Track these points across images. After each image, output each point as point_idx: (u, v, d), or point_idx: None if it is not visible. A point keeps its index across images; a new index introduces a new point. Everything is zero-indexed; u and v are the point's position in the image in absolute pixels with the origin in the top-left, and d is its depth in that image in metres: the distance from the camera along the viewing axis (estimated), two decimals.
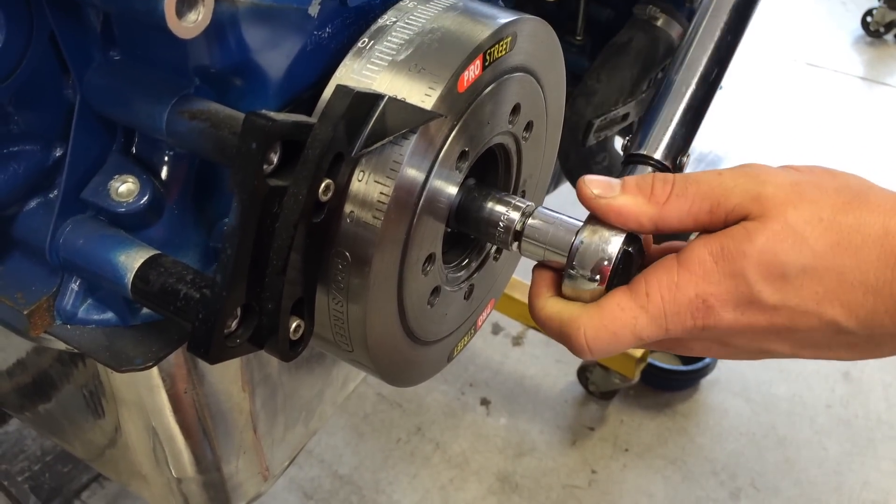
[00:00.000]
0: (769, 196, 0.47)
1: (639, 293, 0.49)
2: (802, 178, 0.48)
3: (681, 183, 0.49)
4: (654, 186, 0.50)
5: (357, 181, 0.48)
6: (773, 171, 0.49)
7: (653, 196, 0.49)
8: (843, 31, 3.67)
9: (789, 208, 0.46)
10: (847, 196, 0.47)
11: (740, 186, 0.48)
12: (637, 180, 0.51)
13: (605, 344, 0.49)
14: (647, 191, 0.50)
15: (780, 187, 0.47)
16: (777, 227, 0.46)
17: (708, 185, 0.49)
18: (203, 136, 0.46)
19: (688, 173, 0.51)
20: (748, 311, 0.47)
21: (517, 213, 0.56)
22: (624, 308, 0.49)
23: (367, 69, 0.50)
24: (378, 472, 1.69)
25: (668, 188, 0.49)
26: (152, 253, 0.49)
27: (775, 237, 0.46)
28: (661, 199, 0.49)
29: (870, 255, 0.45)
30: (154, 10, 0.39)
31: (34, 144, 0.51)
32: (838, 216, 0.46)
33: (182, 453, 0.67)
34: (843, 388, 1.92)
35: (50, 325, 0.53)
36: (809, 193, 0.47)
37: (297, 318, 0.46)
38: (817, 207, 0.46)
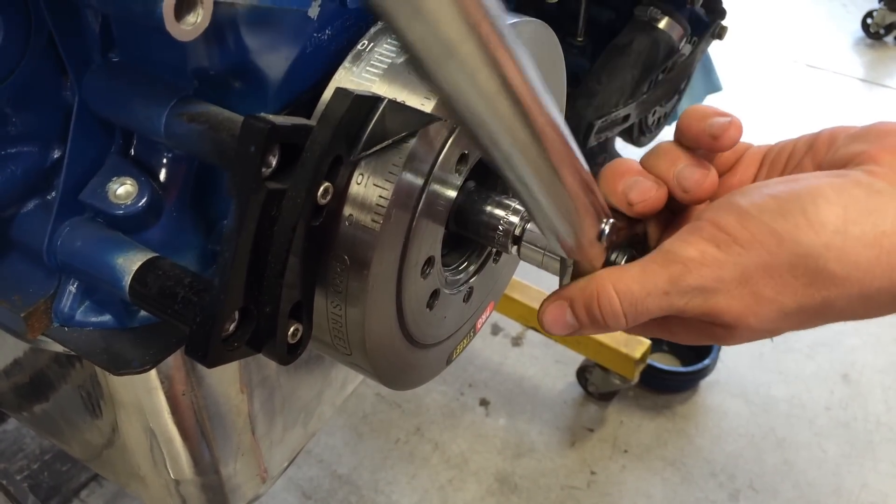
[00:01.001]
0: (723, 309, 0.44)
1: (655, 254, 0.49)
2: (748, 267, 0.43)
3: (631, 312, 0.46)
4: (608, 323, 0.48)
5: (356, 184, 0.48)
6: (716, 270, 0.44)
7: (609, 329, 0.48)
8: (844, 33, 3.67)
9: (750, 318, 0.44)
10: (805, 275, 0.43)
11: (691, 305, 0.45)
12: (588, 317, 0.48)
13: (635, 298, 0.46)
14: (603, 325, 0.48)
15: (732, 295, 0.44)
16: (745, 334, 0.46)
17: (658, 307, 0.46)
18: (202, 139, 0.46)
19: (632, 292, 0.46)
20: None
21: (517, 216, 0.56)
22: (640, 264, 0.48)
23: (366, 72, 0.50)
24: (377, 472, 1.69)
25: (622, 320, 0.47)
26: (150, 255, 0.49)
27: (750, 338, 0.46)
28: (620, 327, 0.48)
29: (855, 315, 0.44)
30: (153, 12, 0.39)
31: (32, 146, 0.51)
32: (804, 302, 0.43)
33: (180, 455, 0.67)
34: (843, 391, 1.92)
35: (47, 328, 0.53)
36: (763, 291, 0.43)
37: (296, 321, 0.46)
38: (778, 304, 0.43)
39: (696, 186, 0.50)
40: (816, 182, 0.44)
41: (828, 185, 0.43)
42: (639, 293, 0.46)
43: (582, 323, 0.49)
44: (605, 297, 0.47)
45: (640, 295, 0.46)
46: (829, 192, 0.43)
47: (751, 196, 0.45)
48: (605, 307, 0.47)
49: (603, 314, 0.47)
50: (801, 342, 2.04)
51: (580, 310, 0.49)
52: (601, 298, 0.47)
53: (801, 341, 2.04)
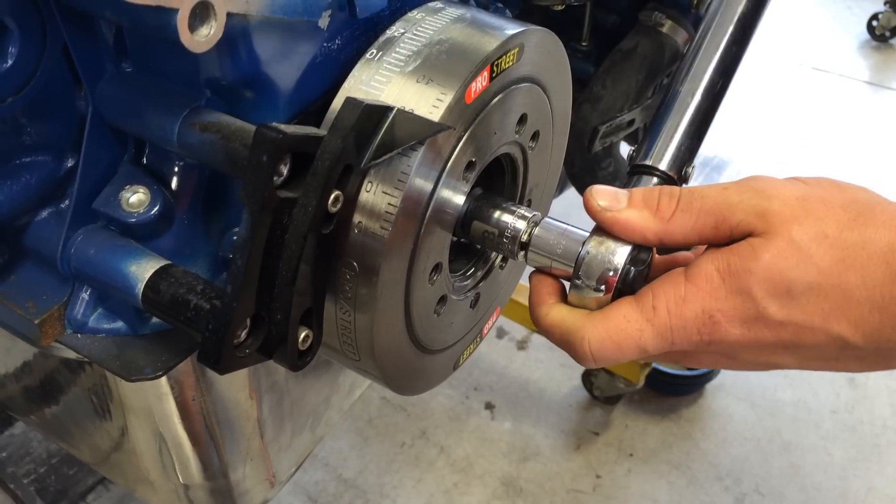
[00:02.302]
0: (774, 212, 0.47)
1: (645, 306, 0.49)
2: (809, 192, 0.48)
3: (686, 198, 0.49)
4: (661, 201, 0.50)
5: (365, 192, 0.48)
6: (780, 184, 0.49)
7: (658, 211, 0.50)
8: (849, 36, 3.67)
9: (794, 225, 0.46)
10: (853, 212, 0.47)
11: (745, 202, 0.48)
12: (643, 194, 0.51)
13: (609, 354, 0.49)
14: (652, 205, 0.50)
15: (786, 203, 0.47)
16: (782, 245, 0.46)
17: (713, 200, 0.49)
18: (214, 148, 0.46)
19: (693, 187, 0.51)
20: (754, 327, 0.47)
21: (523, 222, 0.57)
22: (630, 320, 0.49)
23: (375, 80, 0.50)
24: (382, 475, 1.69)
25: (674, 203, 0.50)
26: (163, 263, 0.49)
27: (780, 254, 0.46)
28: (666, 214, 0.49)
29: (876, 272, 0.45)
30: (167, 24, 0.40)
31: (46, 155, 0.51)
32: (844, 233, 0.46)
33: (189, 460, 0.68)
34: (849, 394, 1.91)
35: (61, 334, 0.53)
36: (815, 209, 0.47)
37: (306, 328, 0.47)
38: (822, 224, 0.46)
39: None
40: None
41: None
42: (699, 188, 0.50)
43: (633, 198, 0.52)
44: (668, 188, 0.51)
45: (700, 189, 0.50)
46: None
47: None
48: (665, 189, 0.51)
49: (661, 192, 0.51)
50: None
51: (639, 190, 0.52)
52: (663, 188, 0.51)
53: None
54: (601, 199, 0.51)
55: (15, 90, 0.47)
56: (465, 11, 0.55)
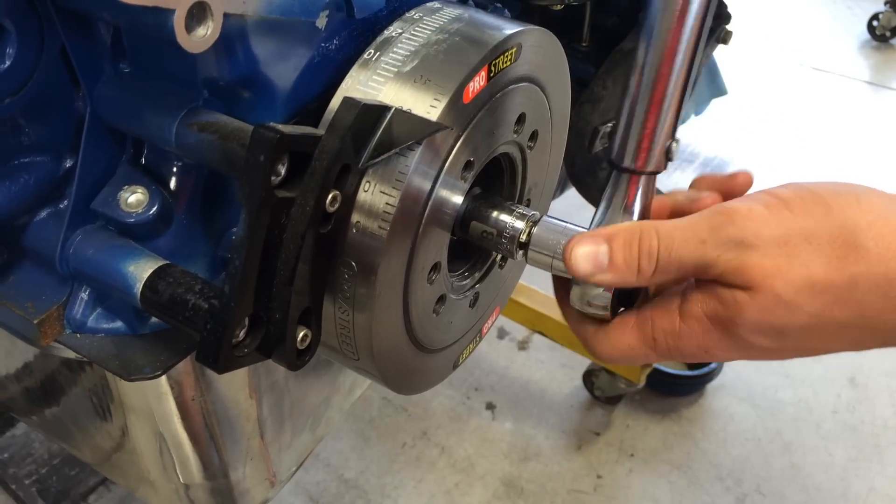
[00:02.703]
0: (754, 267, 0.45)
1: (646, 336, 0.52)
2: (791, 228, 0.45)
3: (664, 258, 0.48)
4: (640, 263, 0.49)
5: (363, 192, 0.48)
6: (758, 224, 0.46)
7: (640, 272, 0.49)
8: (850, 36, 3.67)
9: (777, 279, 0.44)
10: (841, 247, 0.44)
11: (723, 257, 0.46)
12: (623, 254, 0.50)
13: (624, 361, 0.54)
14: (633, 267, 0.49)
15: (766, 253, 0.45)
16: (766, 301, 0.45)
17: (690, 257, 0.47)
18: (212, 148, 0.46)
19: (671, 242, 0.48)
20: (753, 354, 0.49)
21: (522, 222, 0.57)
22: (634, 347, 0.52)
23: (373, 80, 0.50)
24: (383, 476, 1.69)
25: (653, 264, 0.49)
26: (161, 263, 0.49)
27: (765, 310, 0.45)
28: (647, 274, 0.49)
29: (873, 305, 0.44)
30: (164, 24, 0.40)
31: (44, 156, 0.51)
32: (832, 275, 0.44)
33: (190, 460, 0.68)
34: (850, 394, 1.91)
35: (60, 334, 0.53)
36: (799, 253, 0.44)
37: (305, 327, 0.47)
38: (808, 269, 0.44)
39: None
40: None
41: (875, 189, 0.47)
42: (678, 238, 0.48)
43: (614, 262, 0.50)
44: (647, 235, 0.49)
45: (678, 240, 0.48)
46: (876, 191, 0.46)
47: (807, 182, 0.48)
48: (644, 244, 0.49)
49: (640, 251, 0.49)
50: None
51: (618, 244, 0.50)
52: (643, 236, 0.49)
53: None
54: (582, 262, 0.51)
55: (13, 91, 0.47)
56: (462, 11, 0.55)
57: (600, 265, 0.50)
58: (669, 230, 0.48)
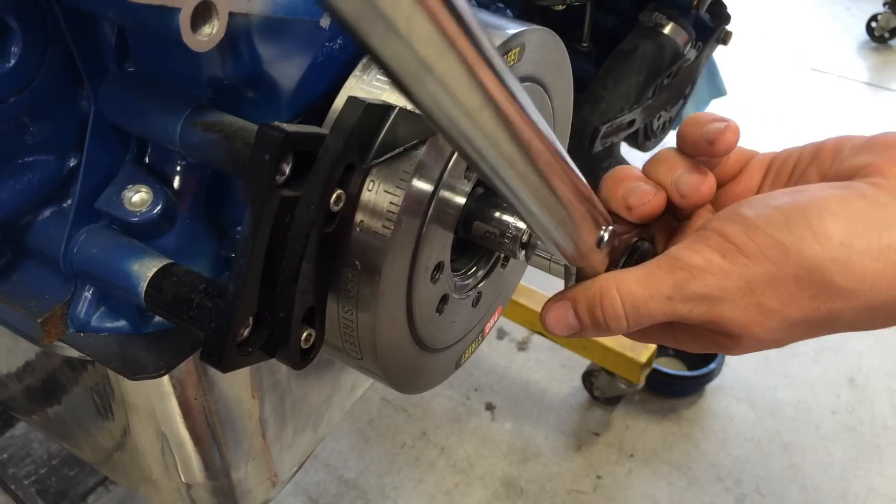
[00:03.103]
0: (728, 320, 0.45)
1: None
2: (753, 278, 0.43)
3: (633, 315, 0.47)
4: (609, 324, 0.48)
5: (367, 191, 0.48)
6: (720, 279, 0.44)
7: (612, 331, 0.48)
8: (848, 37, 3.67)
9: (755, 328, 0.44)
10: (810, 287, 0.42)
11: (695, 313, 0.45)
12: (590, 318, 0.49)
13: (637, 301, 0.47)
14: (604, 328, 0.48)
15: (737, 305, 0.44)
16: (751, 344, 0.46)
17: (661, 312, 0.46)
18: (216, 148, 0.46)
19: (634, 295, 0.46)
20: None
21: (524, 222, 0.57)
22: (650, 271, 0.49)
23: (376, 80, 0.50)
24: (383, 476, 1.69)
25: (623, 323, 0.47)
26: (165, 262, 0.49)
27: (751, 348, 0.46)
28: (621, 330, 0.48)
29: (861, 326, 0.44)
30: (169, 24, 0.40)
31: (49, 155, 0.51)
32: (809, 314, 0.43)
33: (191, 459, 0.68)
34: (849, 394, 1.91)
35: (63, 333, 0.54)
36: (769, 301, 0.43)
37: (309, 326, 0.47)
38: (783, 314, 0.44)
39: (692, 191, 0.50)
40: (821, 194, 0.44)
41: (832, 197, 0.43)
42: (641, 296, 0.46)
43: (584, 324, 0.49)
44: (608, 298, 0.47)
45: (642, 298, 0.46)
46: (833, 204, 0.43)
47: (756, 208, 0.45)
48: (608, 309, 0.47)
49: (605, 316, 0.48)
50: (806, 346, 2.04)
51: (583, 311, 0.49)
52: (604, 300, 0.47)
53: (806, 345, 2.04)
54: (559, 329, 0.50)
55: (17, 90, 0.47)
56: None
57: (573, 328, 0.50)
58: (630, 288, 0.46)
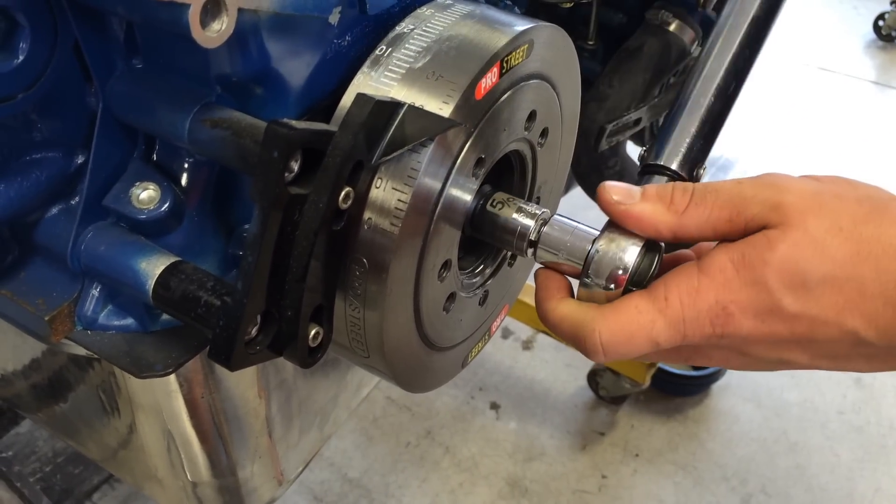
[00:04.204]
0: (789, 204, 0.47)
1: (657, 297, 0.48)
2: (823, 187, 0.48)
3: (700, 192, 0.50)
4: (674, 195, 0.50)
5: (375, 188, 0.48)
6: (794, 180, 0.49)
7: (672, 204, 0.50)
8: (855, 36, 3.66)
9: (809, 217, 0.46)
10: (867, 207, 0.47)
11: (760, 195, 0.48)
12: (657, 188, 0.51)
13: (621, 347, 0.49)
14: (666, 199, 0.50)
15: (801, 196, 0.47)
16: (797, 236, 0.46)
17: (727, 193, 0.49)
18: (225, 145, 0.46)
19: (707, 182, 0.51)
20: (768, 320, 0.46)
21: (532, 220, 0.56)
22: (641, 311, 0.48)
23: (385, 77, 0.50)
24: (387, 475, 1.69)
25: (688, 197, 0.50)
26: (173, 259, 0.49)
27: (796, 245, 0.46)
28: (680, 207, 0.49)
29: (890, 266, 0.45)
30: (179, 19, 0.40)
31: (56, 151, 0.51)
32: (858, 226, 0.46)
33: (198, 457, 0.68)
34: (855, 395, 1.91)
35: (70, 331, 0.53)
36: (829, 203, 0.47)
37: (317, 324, 0.47)
38: (837, 216, 0.46)
39: None
40: None
41: None
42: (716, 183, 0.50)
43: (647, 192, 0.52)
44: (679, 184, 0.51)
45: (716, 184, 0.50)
46: None
47: None
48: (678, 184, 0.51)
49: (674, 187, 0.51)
50: None
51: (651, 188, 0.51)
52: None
53: None
54: (615, 194, 0.51)
55: (26, 86, 0.47)
56: (474, 8, 0.55)
57: (632, 195, 0.51)
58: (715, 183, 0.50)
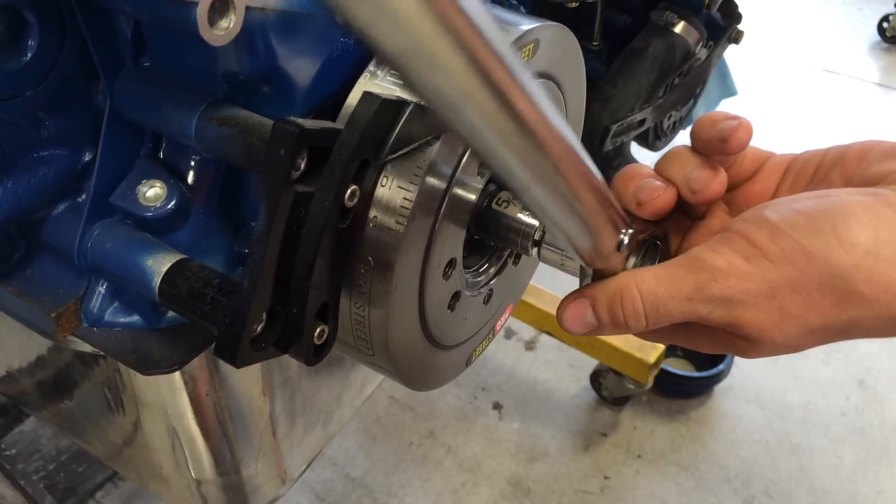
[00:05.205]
0: (748, 323, 0.44)
1: None
2: (775, 282, 0.43)
3: (653, 314, 0.46)
4: (629, 322, 0.47)
5: (381, 187, 0.48)
6: (742, 282, 0.44)
7: (631, 329, 0.48)
8: (860, 37, 3.65)
9: (774, 334, 0.44)
10: (832, 295, 0.42)
11: (715, 314, 0.45)
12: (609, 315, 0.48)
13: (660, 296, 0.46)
14: (622, 326, 0.48)
15: (757, 309, 0.44)
16: (768, 349, 0.46)
17: (680, 313, 0.46)
18: (232, 142, 0.46)
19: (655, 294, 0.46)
20: None
21: (537, 219, 0.57)
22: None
23: (391, 76, 0.50)
24: (390, 475, 1.69)
25: (642, 322, 0.47)
26: (179, 257, 0.50)
27: (769, 353, 0.46)
28: (639, 329, 0.48)
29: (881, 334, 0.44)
30: (186, 18, 0.40)
31: (64, 149, 0.52)
32: (829, 321, 0.43)
33: (202, 455, 0.68)
34: (858, 396, 1.90)
35: (77, 328, 0.54)
36: (790, 307, 0.43)
37: (322, 322, 0.47)
38: (804, 321, 0.44)
39: (703, 187, 0.50)
40: (847, 200, 0.43)
41: (859, 203, 0.43)
42: (662, 295, 0.46)
43: (602, 322, 0.49)
44: (629, 296, 0.47)
45: (663, 297, 0.46)
46: (860, 211, 0.42)
47: (780, 211, 0.44)
48: (628, 307, 0.47)
49: (625, 314, 0.47)
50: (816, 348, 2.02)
51: (602, 308, 0.49)
52: (624, 298, 0.47)
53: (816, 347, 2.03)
54: (576, 327, 0.50)
55: (34, 84, 0.47)
56: None
57: (591, 325, 0.49)
58: (651, 286, 0.46)
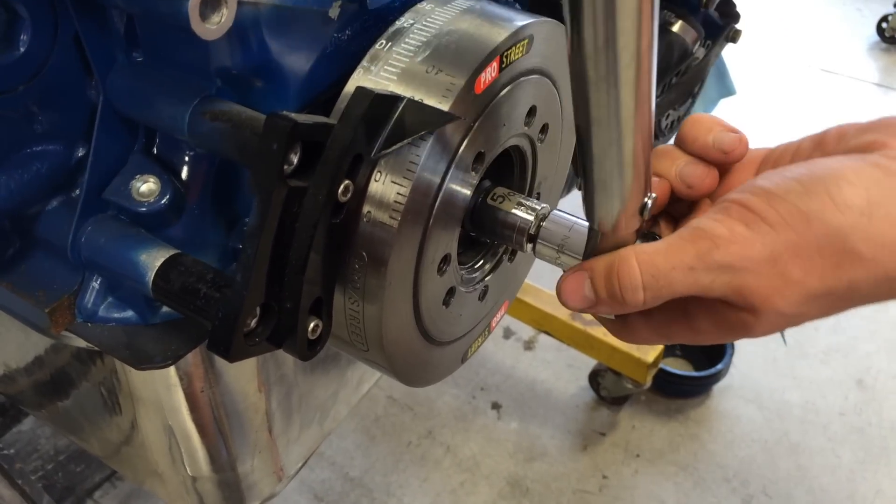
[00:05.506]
0: (751, 289, 0.44)
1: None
2: (776, 246, 0.43)
3: (652, 285, 0.46)
4: (625, 296, 0.47)
5: (374, 182, 0.48)
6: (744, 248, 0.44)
7: (627, 305, 0.47)
8: (858, 38, 3.66)
9: (777, 300, 0.44)
10: (832, 256, 0.43)
11: (717, 282, 0.44)
12: (607, 290, 0.48)
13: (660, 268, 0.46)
14: (619, 300, 0.47)
15: (760, 274, 0.44)
16: (771, 318, 0.45)
17: (682, 283, 0.45)
18: (224, 137, 0.46)
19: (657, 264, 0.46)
20: None
21: (532, 215, 0.57)
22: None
23: (384, 71, 0.50)
24: (389, 474, 1.69)
25: (640, 294, 0.46)
26: (173, 252, 0.49)
27: (772, 324, 0.45)
28: (636, 304, 0.47)
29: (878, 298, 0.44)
30: (178, 11, 0.40)
31: (57, 144, 0.51)
32: (830, 284, 0.43)
33: (198, 452, 0.68)
34: (857, 396, 1.90)
35: (71, 323, 0.54)
36: (791, 271, 0.43)
37: (316, 317, 0.47)
38: (805, 286, 0.43)
39: (699, 182, 0.50)
40: (836, 164, 0.44)
41: (847, 167, 0.44)
42: (663, 266, 0.45)
43: (599, 296, 0.48)
44: (626, 266, 0.46)
45: (664, 268, 0.45)
46: (849, 173, 0.43)
47: (773, 179, 0.45)
48: (625, 278, 0.46)
49: (621, 285, 0.46)
50: (815, 347, 2.03)
51: (599, 280, 0.48)
52: (621, 268, 0.46)
53: (815, 346, 2.03)
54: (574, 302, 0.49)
55: (26, 79, 0.47)
56: (474, 3, 0.55)
57: (588, 301, 0.49)
58: (650, 257, 0.46)
